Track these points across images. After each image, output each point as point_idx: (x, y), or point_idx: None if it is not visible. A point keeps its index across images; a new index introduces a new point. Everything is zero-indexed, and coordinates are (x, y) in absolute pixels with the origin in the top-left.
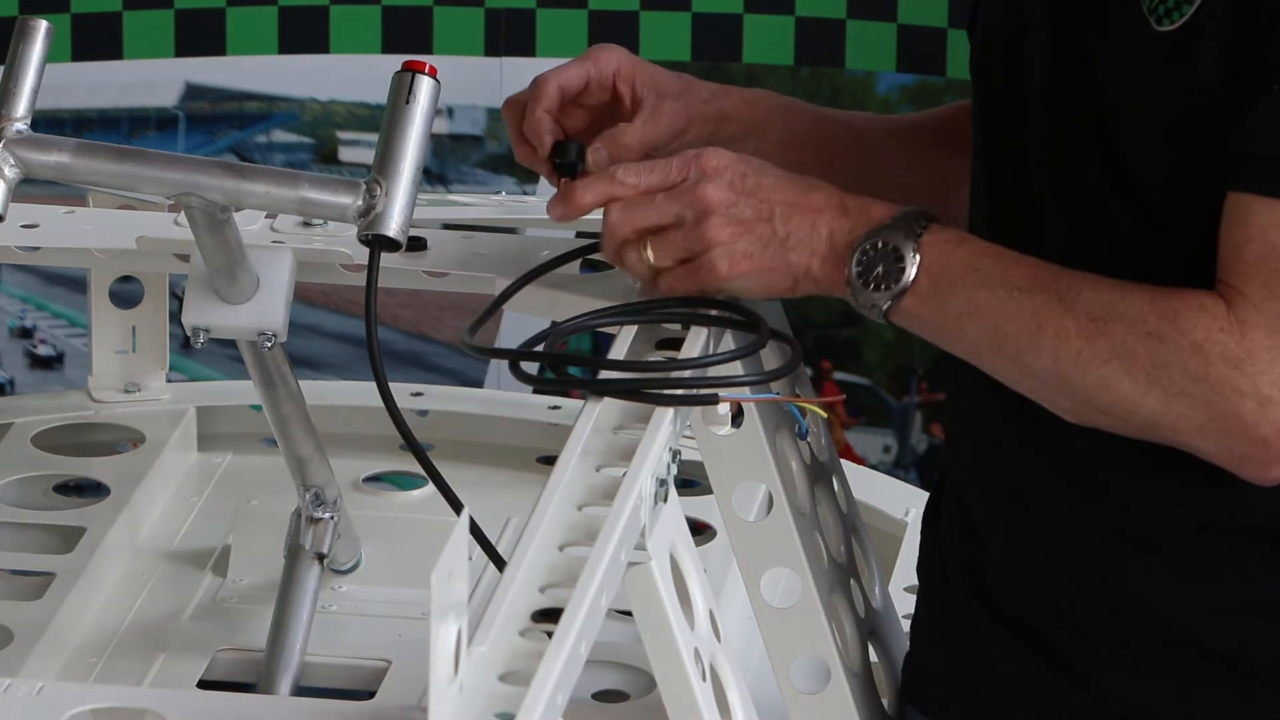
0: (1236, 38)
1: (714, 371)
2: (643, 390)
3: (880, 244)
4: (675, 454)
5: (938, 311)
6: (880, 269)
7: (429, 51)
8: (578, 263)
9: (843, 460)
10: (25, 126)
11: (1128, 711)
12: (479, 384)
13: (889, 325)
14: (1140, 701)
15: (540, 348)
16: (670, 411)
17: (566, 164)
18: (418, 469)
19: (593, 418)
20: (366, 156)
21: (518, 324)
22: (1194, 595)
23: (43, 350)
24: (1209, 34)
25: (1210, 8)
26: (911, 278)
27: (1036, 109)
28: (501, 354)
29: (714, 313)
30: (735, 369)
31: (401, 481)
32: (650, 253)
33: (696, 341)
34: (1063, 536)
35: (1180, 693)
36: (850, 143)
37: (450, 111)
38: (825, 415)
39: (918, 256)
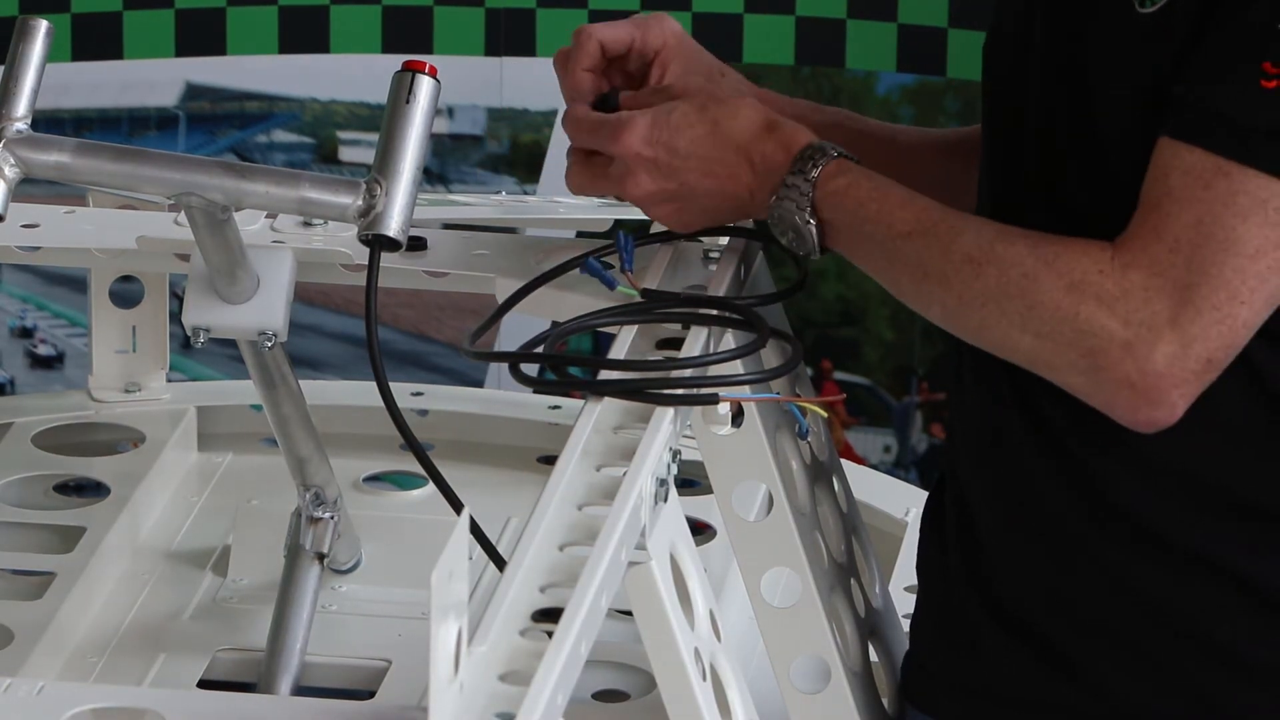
0: (1208, 17)
1: (714, 371)
2: (643, 390)
3: (779, 216)
4: (675, 454)
5: (850, 254)
6: (790, 236)
7: (429, 51)
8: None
9: (843, 460)
10: (25, 126)
11: (1127, 709)
12: (479, 384)
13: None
14: (1139, 699)
15: (540, 348)
16: (670, 411)
17: (607, 108)
18: (418, 469)
19: (593, 418)
20: (367, 156)
21: (518, 324)
22: (1193, 592)
23: (43, 350)
24: (1186, 14)
25: None
26: (815, 242)
27: (1034, 99)
28: (502, 357)
29: (714, 312)
30: (735, 368)
31: (402, 481)
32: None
33: (696, 341)
34: (1062, 534)
35: (1180, 689)
36: (895, 161)
37: (450, 111)
38: (825, 415)
39: (811, 222)
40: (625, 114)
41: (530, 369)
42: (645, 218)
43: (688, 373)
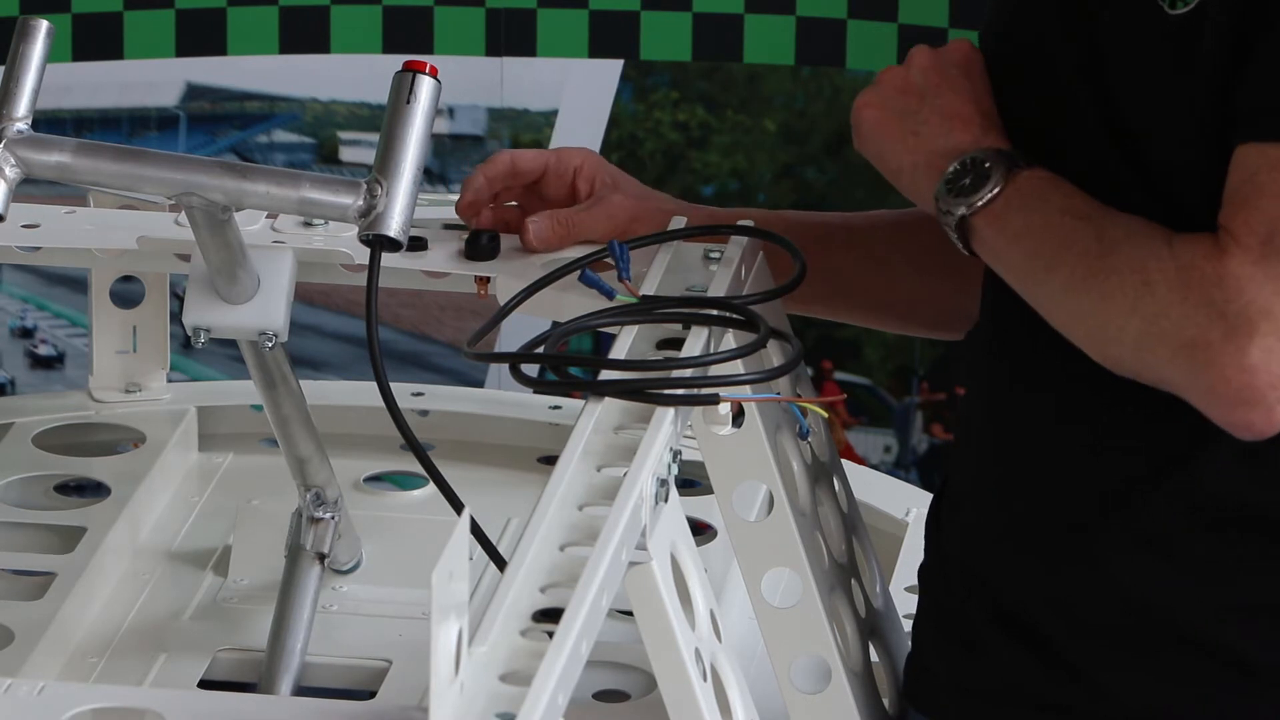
0: (1244, 17)
1: (715, 371)
2: (643, 390)
3: (974, 160)
4: (676, 454)
5: (1000, 232)
6: (968, 180)
7: (430, 51)
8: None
9: (843, 460)
10: (26, 126)
11: (1127, 710)
12: (480, 384)
13: (969, 253)
14: (1140, 700)
15: (541, 349)
16: (671, 411)
17: (476, 249)
18: (419, 469)
19: (593, 418)
20: (367, 156)
21: (518, 324)
22: (1193, 593)
23: (43, 350)
24: (1217, 14)
25: None
26: (991, 195)
27: (1047, 98)
28: (502, 358)
29: (714, 313)
30: (736, 368)
31: (402, 481)
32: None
33: (697, 341)
34: (1061, 535)
35: (1180, 691)
36: (830, 247)
37: (451, 111)
38: (826, 415)
39: (1004, 180)
40: None
41: (530, 369)
42: None
43: (688, 373)
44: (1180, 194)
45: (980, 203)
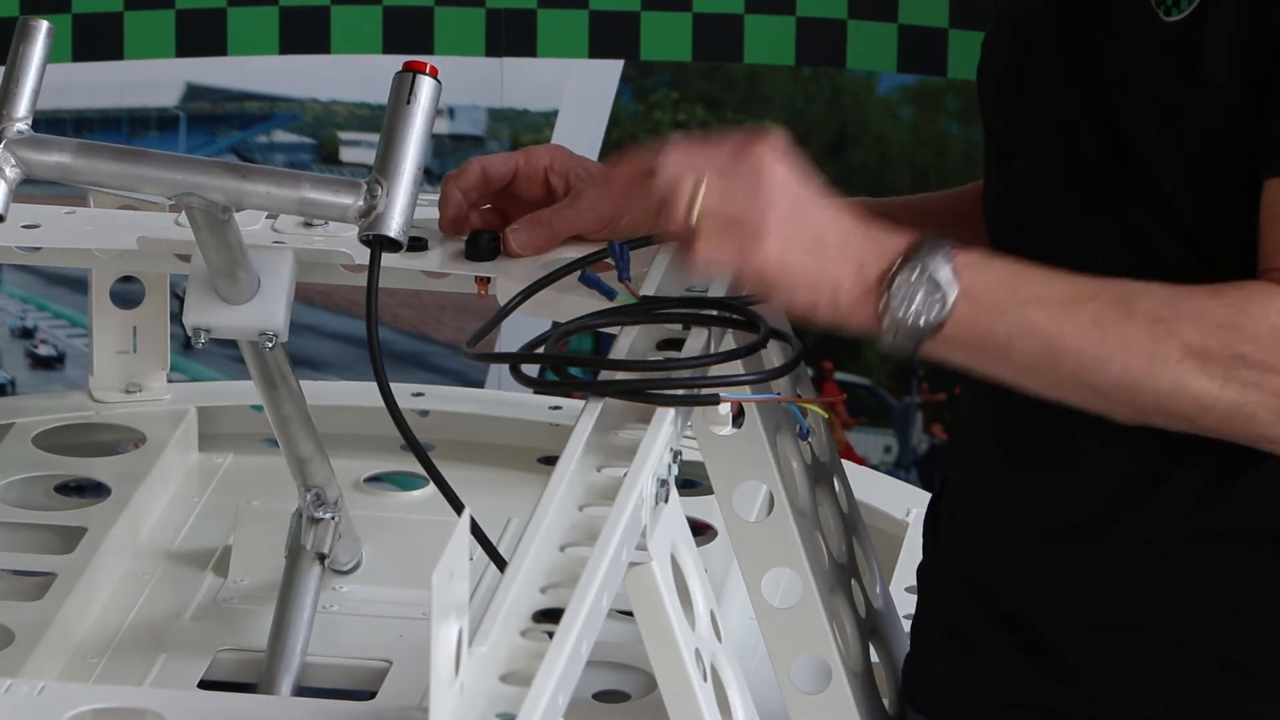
0: (1243, 26)
1: (715, 371)
2: (644, 390)
3: (917, 272)
4: (676, 454)
5: (983, 336)
6: (920, 298)
7: (430, 52)
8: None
9: (844, 460)
10: (26, 127)
11: (1126, 713)
12: (480, 384)
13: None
14: (1136, 704)
15: (541, 349)
16: (671, 411)
17: (476, 249)
18: (419, 469)
19: (594, 418)
20: (368, 157)
21: (519, 325)
22: (1189, 598)
23: (44, 350)
24: (1215, 23)
25: None
26: (951, 304)
27: (1048, 110)
28: (502, 358)
29: (714, 313)
30: (736, 368)
31: (402, 482)
32: (702, 195)
33: (697, 342)
34: (1058, 539)
35: (1175, 695)
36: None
37: (451, 112)
38: (826, 415)
39: (956, 282)
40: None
41: (531, 369)
42: None
43: (688, 373)
44: (1178, 200)
45: (942, 318)
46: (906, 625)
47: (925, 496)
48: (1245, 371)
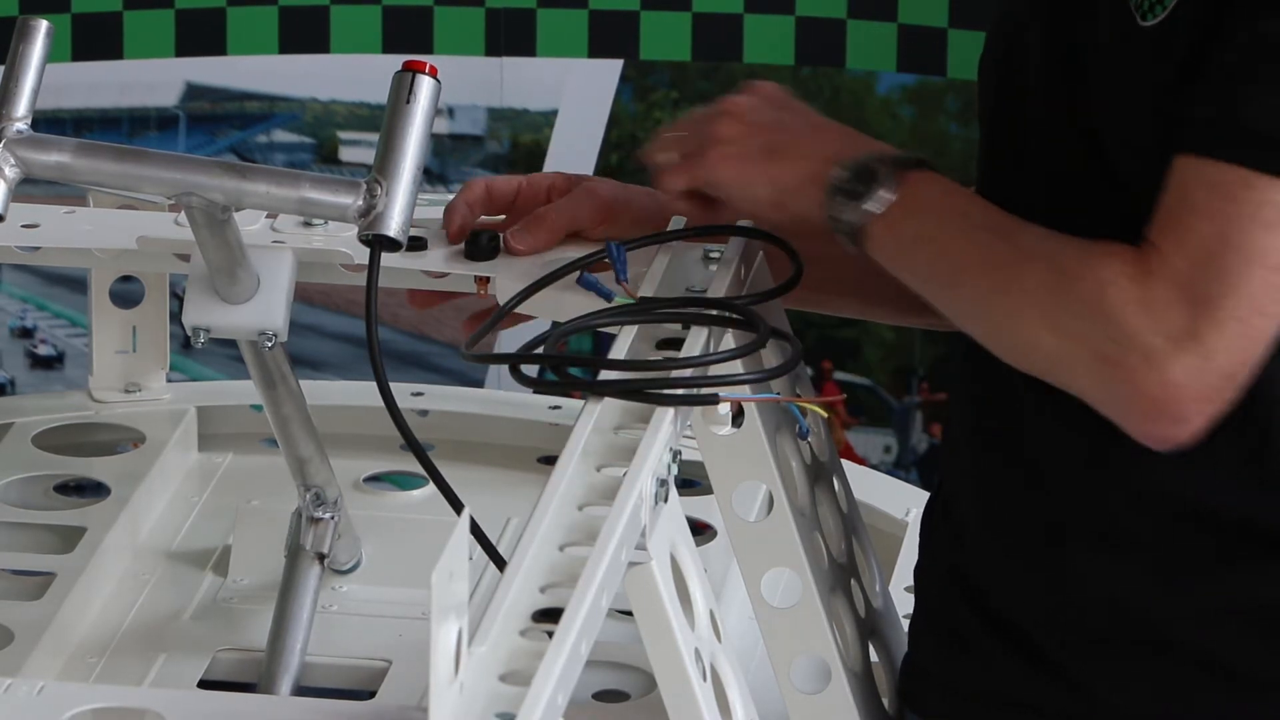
0: (1210, 32)
1: (714, 370)
2: (643, 390)
3: (864, 166)
4: (676, 454)
5: (899, 238)
6: (858, 187)
7: (429, 51)
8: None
9: (843, 460)
10: (25, 126)
11: (1113, 714)
12: (479, 384)
13: (864, 260)
14: (1125, 705)
15: (541, 349)
16: (671, 411)
17: (476, 249)
18: (418, 469)
19: (593, 418)
20: (367, 156)
21: (518, 324)
22: (1176, 599)
23: (43, 350)
24: (1187, 27)
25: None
26: (885, 203)
27: (1034, 108)
28: (501, 359)
29: (714, 312)
30: (735, 368)
31: (402, 481)
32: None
33: (697, 342)
34: (1047, 541)
35: (1163, 696)
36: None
37: (451, 111)
38: (826, 415)
39: (895, 184)
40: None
41: (530, 369)
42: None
43: (688, 372)
44: (1145, 201)
45: (876, 208)
46: (906, 625)
47: (925, 496)
48: (1067, 320)
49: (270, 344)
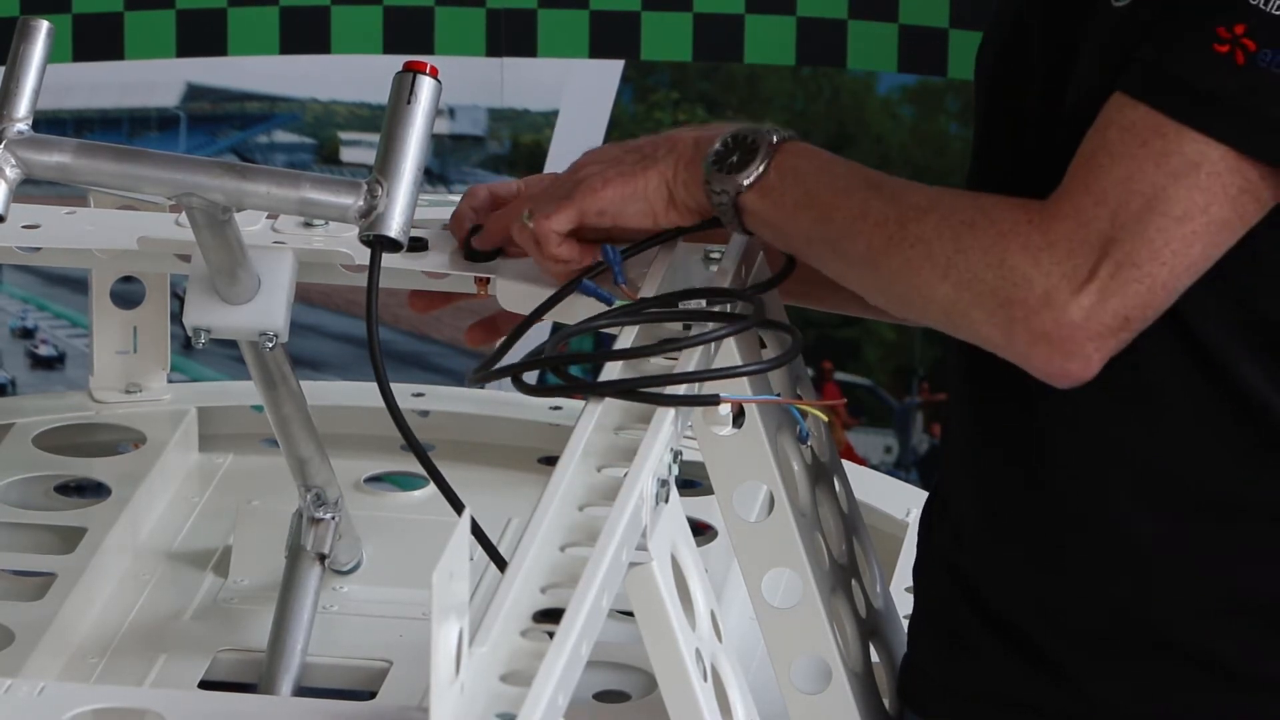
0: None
1: (716, 360)
2: (644, 390)
3: (738, 136)
4: (676, 454)
5: (778, 204)
6: (735, 158)
7: (430, 52)
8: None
9: (844, 460)
10: (26, 127)
11: (1112, 713)
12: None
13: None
14: (1124, 704)
15: (543, 355)
16: (671, 412)
17: (477, 249)
18: (419, 469)
19: (594, 418)
20: (368, 157)
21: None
22: (1174, 598)
23: (44, 351)
24: (1154, 6)
25: None
26: (761, 169)
27: (1031, 105)
28: (503, 373)
29: (715, 309)
30: (735, 358)
31: (403, 482)
32: (528, 216)
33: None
34: (1045, 541)
35: (1162, 695)
36: None
37: (451, 112)
38: (826, 419)
39: (772, 151)
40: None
41: (530, 374)
42: None
43: (690, 368)
44: None
45: (751, 178)
46: (907, 625)
47: (925, 496)
48: (963, 267)
49: (271, 344)
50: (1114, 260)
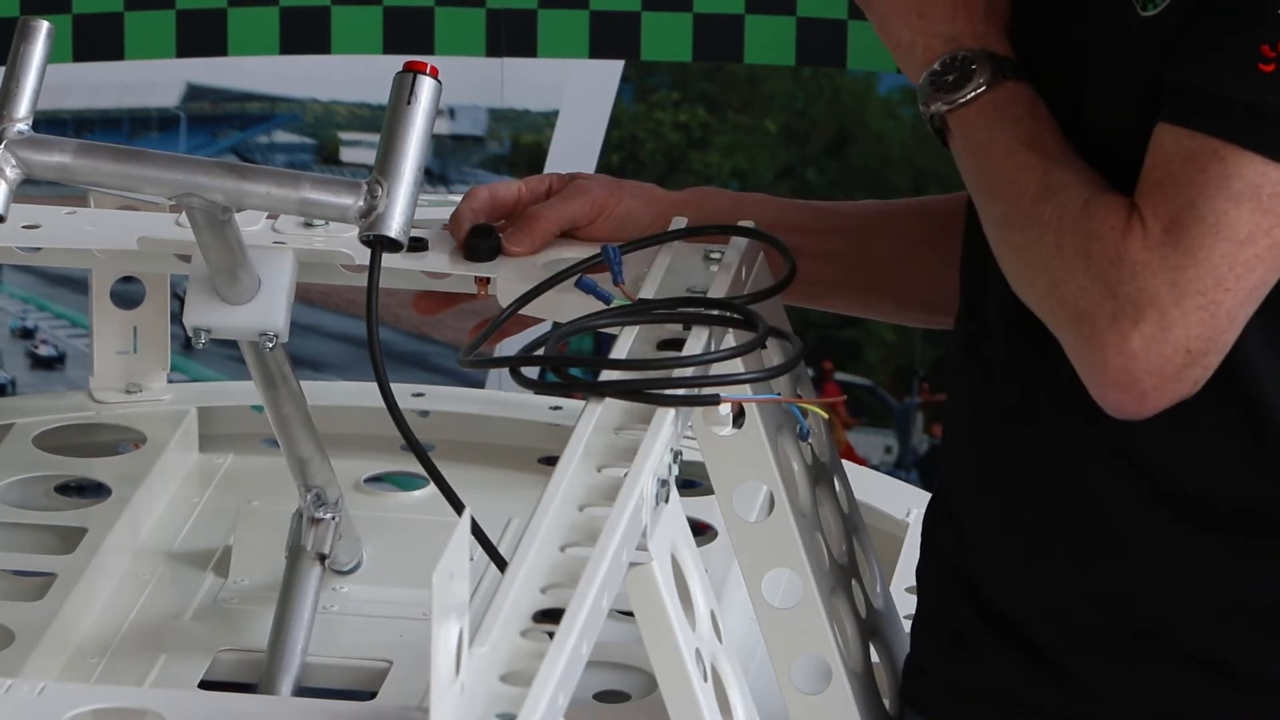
0: (1205, 8)
1: (715, 369)
2: (644, 391)
3: (963, 58)
4: (677, 454)
5: (965, 140)
6: (951, 78)
7: (430, 52)
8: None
9: (844, 461)
10: (26, 127)
11: (1114, 714)
12: (480, 384)
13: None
14: (1128, 705)
15: (542, 350)
16: (671, 412)
17: (476, 249)
18: (419, 469)
19: (594, 418)
20: (368, 157)
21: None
22: (1178, 599)
23: (44, 351)
24: (1184, 12)
25: None
26: (964, 100)
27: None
28: (499, 362)
29: (715, 313)
30: (736, 366)
31: (403, 482)
32: None
33: (698, 342)
34: (1047, 541)
35: (1165, 696)
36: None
37: (451, 112)
38: (826, 416)
39: (983, 87)
40: None
41: (531, 371)
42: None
43: (689, 373)
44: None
45: (955, 105)
46: (907, 625)
47: (925, 496)
48: (1059, 265)
49: (271, 344)
50: (1179, 288)
